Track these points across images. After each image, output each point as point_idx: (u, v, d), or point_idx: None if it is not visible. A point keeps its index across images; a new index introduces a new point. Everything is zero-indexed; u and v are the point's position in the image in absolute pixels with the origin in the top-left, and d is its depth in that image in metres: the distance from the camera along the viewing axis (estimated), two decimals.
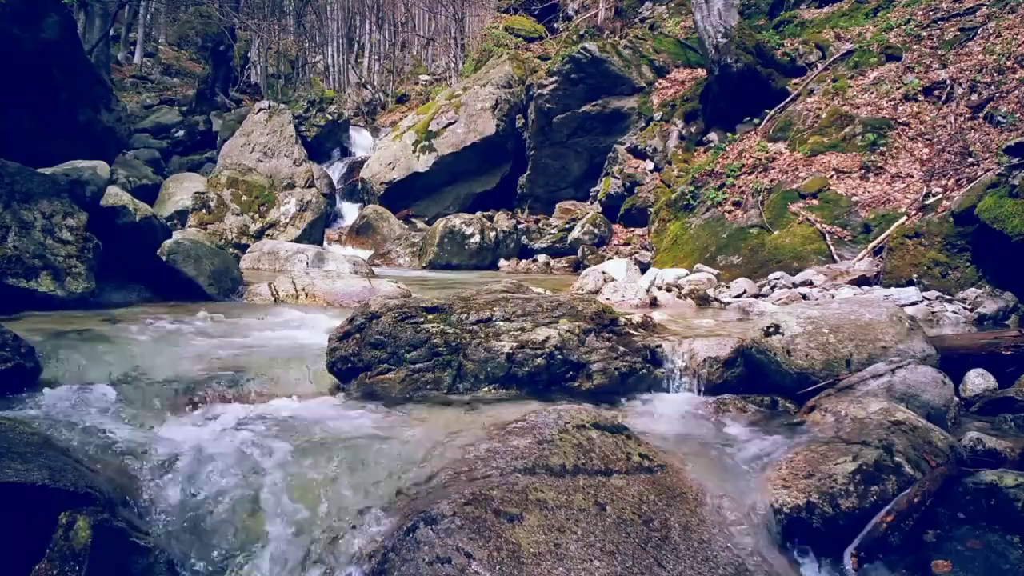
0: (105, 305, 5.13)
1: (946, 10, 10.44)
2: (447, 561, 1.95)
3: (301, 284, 6.16)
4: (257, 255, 9.27)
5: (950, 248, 6.32)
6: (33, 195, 4.98)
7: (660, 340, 3.91)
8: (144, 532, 2.18)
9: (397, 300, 3.92)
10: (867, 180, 8.26)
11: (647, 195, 11.64)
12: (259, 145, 14.22)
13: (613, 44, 13.81)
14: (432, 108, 15.93)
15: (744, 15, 12.38)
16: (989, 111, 8.01)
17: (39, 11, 8.41)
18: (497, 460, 2.40)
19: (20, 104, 8.41)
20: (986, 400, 3.53)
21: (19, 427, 2.36)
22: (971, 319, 5.44)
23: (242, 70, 25.54)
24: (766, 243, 8.09)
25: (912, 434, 2.79)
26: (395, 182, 14.77)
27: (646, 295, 6.29)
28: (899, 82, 9.39)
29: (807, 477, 2.56)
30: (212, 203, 12.27)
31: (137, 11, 27.11)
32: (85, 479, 2.15)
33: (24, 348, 3.27)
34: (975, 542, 2.34)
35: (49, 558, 1.89)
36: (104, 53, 17.00)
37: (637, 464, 2.48)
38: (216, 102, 19.87)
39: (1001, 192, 5.86)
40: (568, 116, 13.53)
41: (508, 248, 12.41)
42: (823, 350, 3.45)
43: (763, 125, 10.23)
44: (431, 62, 28.73)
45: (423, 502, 2.21)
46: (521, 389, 3.47)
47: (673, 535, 2.22)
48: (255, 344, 4.21)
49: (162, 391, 3.25)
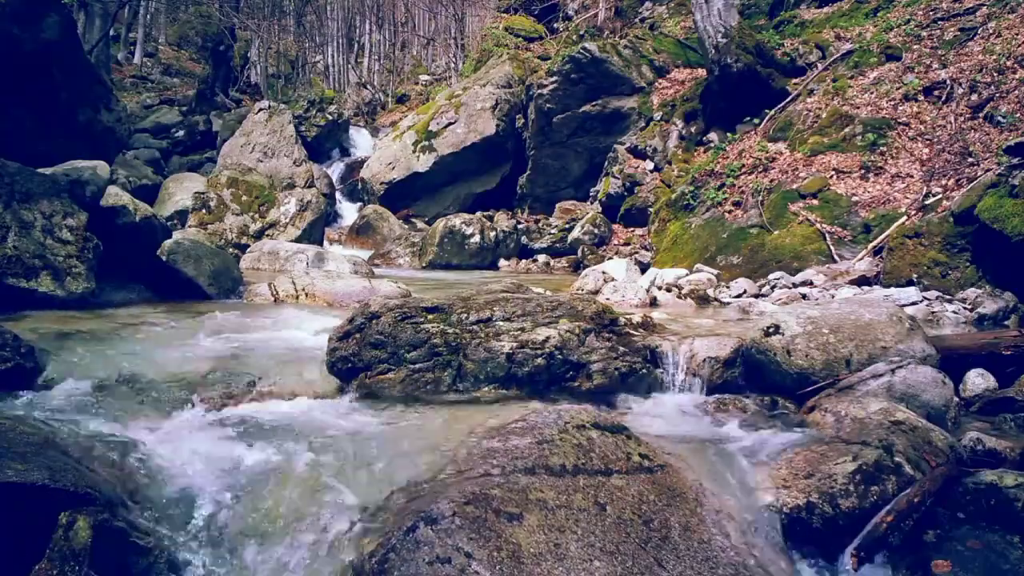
0: (105, 305, 5.13)
1: (946, 10, 10.44)
2: (447, 561, 1.95)
3: (301, 284, 6.16)
4: (257, 255, 9.27)
5: (950, 248, 6.32)
6: (33, 195, 4.98)
7: (660, 340, 3.91)
8: (144, 532, 2.18)
9: (397, 300, 3.92)
10: (867, 180, 8.26)
11: (647, 195, 11.63)
12: (259, 145, 14.21)
13: (613, 44, 13.80)
14: (432, 108, 15.92)
15: (744, 15, 12.37)
16: (989, 111, 8.00)
17: (39, 11, 8.41)
18: (497, 460, 2.40)
19: (20, 104, 8.41)
20: (986, 400, 3.53)
21: (19, 427, 2.36)
22: (971, 319, 5.44)
23: (242, 70, 25.53)
24: (766, 243, 8.09)
25: (912, 434, 2.79)
26: (395, 182, 14.77)
27: (646, 295, 6.29)
28: (899, 82, 9.39)
29: (807, 477, 2.56)
30: (212, 203, 12.26)
31: (137, 11, 27.10)
32: (85, 479, 2.15)
33: (24, 348, 3.27)
34: (975, 542, 2.34)
35: (49, 558, 1.89)
36: (104, 53, 16.99)
37: (637, 464, 2.48)
38: (216, 102, 19.86)
39: (1001, 192, 5.86)
40: (568, 116, 13.52)
41: (508, 248, 12.40)
42: (823, 350, 3.45)
43: (763, 125, 10.23)
44: (431, 62, 28.73)
45: (423, 502, 2.21)
46: (521, 389, 3.47)
47: (673, 535, 2.22)
48: (255, 344, 4.21)
49: (162, 391, 3.25)
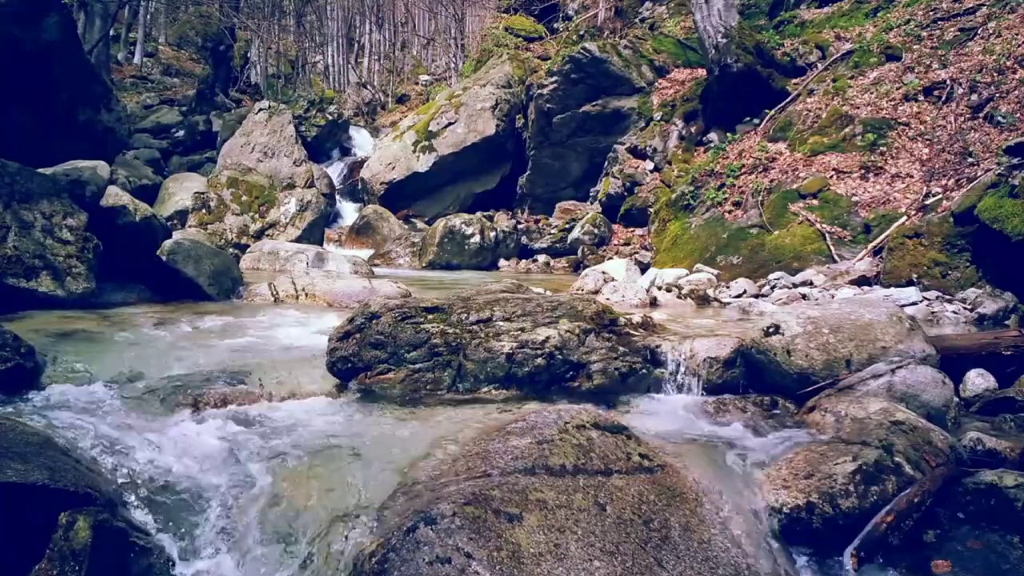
0: (105, 305, 5.13)
1: (946, 10, 10.44)
2: (447, 561, 1.95)
3: (301, 284, 6.17)
4: (257, 255, 9.28)
5: (950, 248, 6.32)
6: (33, 195, 4.98)
7: (660, 340, 3.90)
8: (144, 532, 2.18)
9: (397, 300, 3.92)
10: (867, 180, 8.26)
11: (647, 195, 11.63)
12: (259, 145, 14.20)
13: (613, 44, 13.80)
14: (432, 108, 15.93)
15: (744, 15, 12.36)
16: (989, 111, 8.00)
17: (39, 11, 8.41)
18: (497, 460, 2.40)
19: (20, 104, 8.41)
20: (986, 400, 3.53)
21: (19, 427, 2.36)
22: (971, 319, 5.44)
23: (242, 70, 25.54)
24: (766, 243, 8.09)
25: (912, 434, 2.79)
26: (395, 182, 14.77)
27: (646, 295, 6.29)
28: (899, 82, 9.38)
29: (807, 477, 2.56)
30: (212, 203, 12.27)
31: (137, 11, 27.07)
32: (85, 479, 2.15)
33: (24, 348, 3.27)
34: (975, 542, 2.34)
35: (49, 558, 1.89)
36: (104, 53, 16.95)
37: (637, 464, 2.48)
38: (216, 102, 19.85)
39: (1001, 192, 5.86)
40: (568, 116, 13.53)
41: (508, 248, 12.39)
42: (823, 350, 3.45)
43: (763, 125, 10.23)
44: (431, 62, 28.73)
45: (423, 502, 2.21)
46: (521, 389, 3.47)
47: (673, 535, 2.22)
48: (255, 344, 4.21)
49: (162, 391, 3.25)
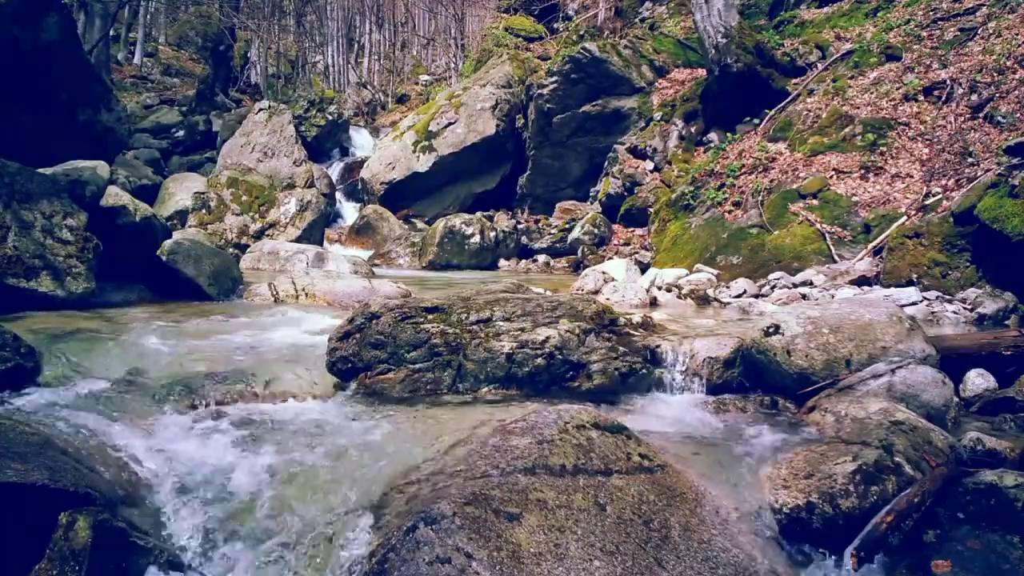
0: (105, 305, 5.13)
1: (946, 10, 10.44)
2: (447, 561, 1.95)
3: (301, 284, 6.16)
4: (257, 255, 9.28)
5: (950, 248, 6.32)
6: (33, 195, 4.98)
7: (660, 340, 3.91)
8: (144, 532, 2.18)
9: (397, 300, 3.92)
10: (867, 180, 8.26)
11: (647, 195, 11.63)
12: (259, 145, 14.19)
13: (613, 44, 13.80)
14: (432, 108, 15.92)
15: (744, 15, 12.36)
16: (989, 111, 8.00)
17: (39, 11, 8.40)
18: (497, 460, 2.40)
19: (20, 104, 8.40)
20: (986, 400, 3.53)
21: (19, 427, 2.36)
22: (971, 319, 5.44)
23: (242, 70, 25.52)
24: (766, 243, 8.09)
25: (912, 434, 2.79)
26: (395, 182, 14.77)
27: (646, 295, 6.29)
28: (899, 82, 9.38)
29: (807, 477, 2.56)
30: (212, 203, 12.27)
31: (137, 11, 27.07)
32: (85, 479, 2.15)
33: (24, 348, 3.27)
34: (975, 542, 2.34)
35: (49, 558, 1.89)
36: (104, 53, 16.94)
37: (637, 464, 2.48)
38: (216, 102, 19.84)
39: (1001, 192, 5.86)
40: (568, 116, 13.52)
41: (508, 248, 12.39)
42: (823, 350, 3.45)
43: (763, 125, 10.23)
44: (431, 62, 28.72)
45: (423, 502, 2.20)
46: (521, 389, 3.47)
47: (673, 535, 2.22)
48: (255, 344, 4.21)
49: (162, 391, 3.25)
